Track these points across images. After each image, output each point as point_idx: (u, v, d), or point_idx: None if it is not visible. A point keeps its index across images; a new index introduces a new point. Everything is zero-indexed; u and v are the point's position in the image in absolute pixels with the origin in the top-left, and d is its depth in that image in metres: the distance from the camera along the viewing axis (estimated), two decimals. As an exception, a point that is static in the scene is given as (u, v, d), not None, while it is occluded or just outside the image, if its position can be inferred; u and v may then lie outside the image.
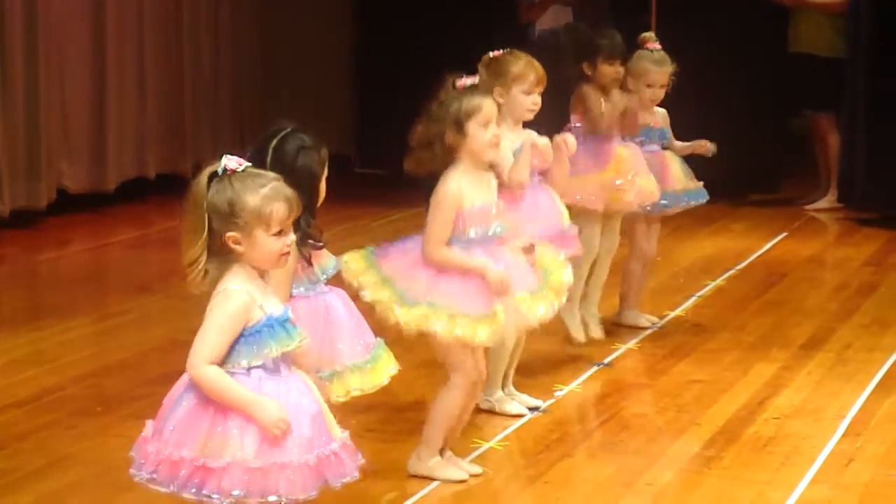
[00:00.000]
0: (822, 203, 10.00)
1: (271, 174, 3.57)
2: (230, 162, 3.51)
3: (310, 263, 4.08)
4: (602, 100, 6.28)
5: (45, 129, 9.08)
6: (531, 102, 5.30)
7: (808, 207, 9.99)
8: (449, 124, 4.55)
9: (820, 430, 5.36)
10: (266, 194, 3.49)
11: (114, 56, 9.71)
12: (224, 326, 3.47)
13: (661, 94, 6.57)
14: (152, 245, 8.79)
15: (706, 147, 6.66)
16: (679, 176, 6.69)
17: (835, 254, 8.78)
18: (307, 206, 4.01)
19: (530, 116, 5.36)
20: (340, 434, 3.60)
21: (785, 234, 9.14)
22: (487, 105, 4.59)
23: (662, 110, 6.71)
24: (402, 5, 11.02)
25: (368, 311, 4.46)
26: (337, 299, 4.19)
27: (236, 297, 3.49)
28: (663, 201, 6.60)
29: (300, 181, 3.92)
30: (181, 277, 3.57)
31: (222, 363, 3.49)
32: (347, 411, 4.14)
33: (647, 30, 10.39)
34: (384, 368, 4.20)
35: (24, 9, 8.92)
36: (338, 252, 4.35)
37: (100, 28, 9.61)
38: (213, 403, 3.47)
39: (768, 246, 8.78)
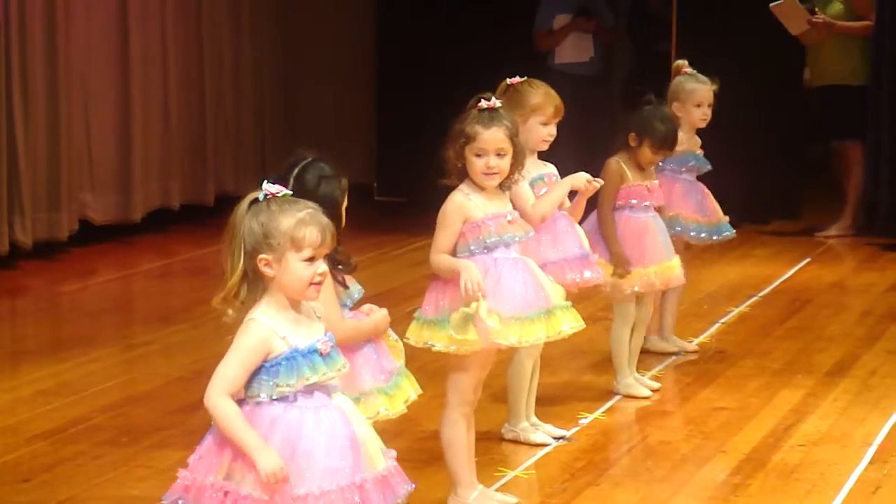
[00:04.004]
0: (833, 230, 9.87)
1: (310, 203, 3.58)
2: (271, 187, 3.53)
3: (345, 286, 4.10)
4: (630, 176, 6.05)
5: (67, 159, 9.10)
6: (547, 133, 5.30)
7: (818, 234, 9.88)
8: (454, 147, 4.58)
9: (846, 456, 5.33)
10: (301, 218, 3.50)
11: (137, 88, 9.75)
12: (242, 359, 3.47)
13: (709, 113, 6.58)
14: (175, 275, 8.81)
15: None
16: (716, 207, 6.69)
17: (858, 279, 8.74)
18: None
19: (545, 147, 5.36)
20: (384, 463, 3.58)
21: (808, 259, 9.11)
22: (485, 136, 4.53)
23: (697, 138, 6.71)
24: (423, 35, 11.06)
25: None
26: None
27: (255, 330, 3.48)
28: (702, 234, 6.61)
29: (323, 209, 3.93)
30: (205, 307, 3.56)
31: (243, 393, 3.49)
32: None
33: (667, 58, 10.42)
34: (406, 393, 4.19)
35: (46, 38, 8.93)
36: (367, 278, 4.35)
37: (124, 59, 9.66)
38: None
39: (791, 272, 8.76)
